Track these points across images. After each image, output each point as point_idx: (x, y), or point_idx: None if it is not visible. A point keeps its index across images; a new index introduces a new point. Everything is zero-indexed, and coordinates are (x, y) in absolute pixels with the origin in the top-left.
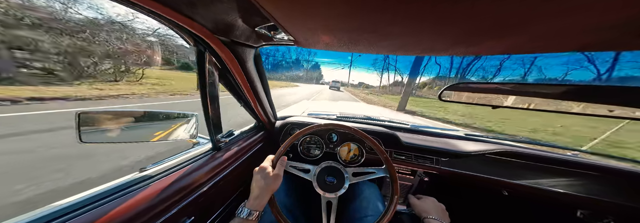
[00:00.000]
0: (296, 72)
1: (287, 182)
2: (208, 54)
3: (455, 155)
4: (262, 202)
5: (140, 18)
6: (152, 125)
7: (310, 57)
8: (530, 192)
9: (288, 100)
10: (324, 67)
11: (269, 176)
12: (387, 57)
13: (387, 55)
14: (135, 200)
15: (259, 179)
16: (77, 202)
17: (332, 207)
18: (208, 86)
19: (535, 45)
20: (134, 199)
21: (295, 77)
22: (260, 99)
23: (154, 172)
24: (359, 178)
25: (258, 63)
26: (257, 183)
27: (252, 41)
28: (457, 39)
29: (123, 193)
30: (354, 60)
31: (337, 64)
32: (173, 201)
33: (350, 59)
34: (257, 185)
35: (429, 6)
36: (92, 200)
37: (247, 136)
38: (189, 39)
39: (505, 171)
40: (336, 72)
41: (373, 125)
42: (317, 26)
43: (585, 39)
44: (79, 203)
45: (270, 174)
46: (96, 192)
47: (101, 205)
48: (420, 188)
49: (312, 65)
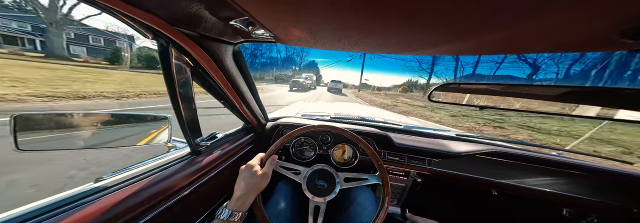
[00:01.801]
0: (285, 71)
1: (281, 184)
2: (173, 49)
3: (446, 156)
4: (246, 202)
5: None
6: (118, 129)
7: (306, 56)
8: (518, 192)
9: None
10: (322, 66)
11: (256, 174)
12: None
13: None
14: (79, 216)
15: (245, 177)
16: (18, 215)
17: (320, 212)
18: (178, 86)
19: (518, 45)
20: (77, 215)
21: (284, 76)
22: (246, 99)
23: (111, 182)
24: (350, 184)
25: (239, 61)
26: (243, 182)
27: (228, 37)
28: (441, 38)
29: (66, 209)
30: (358, 59)
31: (336, 63)
32: (140, 211)
33: (359, 58)
34: (243, 184)
35: (411, 3)
36: (27, 217)
37: (233, 138)
38: (145, 31)
39: (494, 171)
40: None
41: (367, 126)
42: (294, 21)
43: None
44: (20, 216)
45: (258, 173)
46: (34, 207)
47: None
48: (413, 189)
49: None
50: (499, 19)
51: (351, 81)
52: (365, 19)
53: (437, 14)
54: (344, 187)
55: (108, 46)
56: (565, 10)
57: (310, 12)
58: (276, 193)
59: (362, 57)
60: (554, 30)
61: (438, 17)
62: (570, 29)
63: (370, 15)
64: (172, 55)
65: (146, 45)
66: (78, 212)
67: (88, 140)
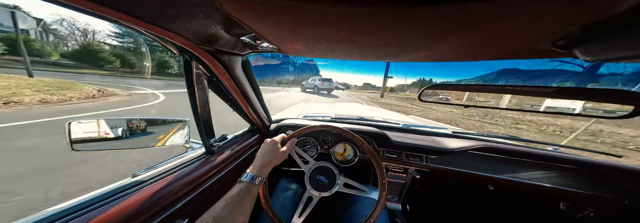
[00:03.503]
0: (286, 76)
1: (281, 180)
2: (194, 62)
3: (441, 152)
4: (264, 169)
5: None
6: (145, 132)
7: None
8: (515, 186)
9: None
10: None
11: (278, 150)
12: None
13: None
14: (126, 204)
15: (268, 150)
16: (67, 208)
17: (311, 204)
18: (197, 93)
19: (475, 52)
20: (124, 203)
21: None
22: (252, 103)
23: (146, 177)
24: (347, 190)
25: (247, 69)
26: (264, 153)
27: (238, 49)
28: (409, 48)
29: (114, 199)
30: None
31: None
32: (165, 204)
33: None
34: (265, 155)
35: (384, 18)
36: (82, 205)
37: (241, 139)
38: (173, 49)
39: (489, 166)
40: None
41: (366, 126)
42: (293, 37)
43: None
44: (70, 209)
45: (280, 149)
46: (87, 198)
47: (92, 211)
48: (412, 186)
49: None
50: (446, 34)
51: (353, 82)
52: (347, 33)
53: (400, 29)
54: (341, 190)
55: None
56: (500, 25)
57: (303, 30)
58: (274, 181)
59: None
60: (499, 43)
61: (401, 32)
62: (512, 41)
63: (349, 30)
64: (193, 68)
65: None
66: (124, 201)
67: (125, 142)
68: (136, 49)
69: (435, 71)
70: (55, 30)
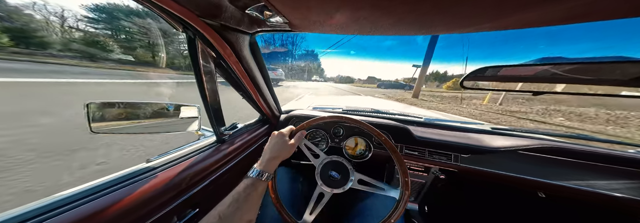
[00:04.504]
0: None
1: (291, 174)
2: (199, 41)
3: (479, 151)
4: (271, 164)
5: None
6: (159, 117)
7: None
8: (577, 195)
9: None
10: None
11: (286, 143)
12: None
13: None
14: (142, 189)
15: (275, 143)
16: (85, 190)
17: (322, 201)
18: (204, 78)
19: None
20: (141, 188)
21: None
22: (262, 90)
23: (160, 163)
24: (362, 187)
25: (255, 51)
26: (271, 147)
27: (245, 26)
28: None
29: (131, 182)
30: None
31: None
32: (178, 191)
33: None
34: (272, 148)
35: None
36: (100, 188)
37: (251, 129)
38: (176, 24)
39: (543, 170)
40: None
41: (381, 119)
42: (310, 4)
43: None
44: (88, 190)
45: (288, 142)
46: (104, 181)
47: (109, 194)
48: (433, 186)
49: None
50: None
51: (356, 75)
52: None
53: None
54: (354, 187)
55: None
56: None
57: None
58: (284, 176)
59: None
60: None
61: None
62: None
63: None
64: (199, 48)
65: None
66: (139, 186)
67: (141, 126)
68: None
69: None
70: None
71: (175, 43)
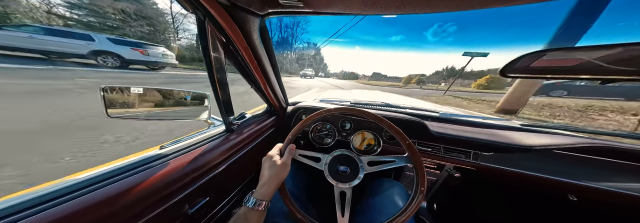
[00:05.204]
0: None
1: (297, 171)
2: (209, 24)
3: (507, 150)
4: (268, 190)
5: None
6: (171, 104)
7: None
8: (618, 199)
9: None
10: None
11: (276, 164)
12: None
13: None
14: (156, 175)
15: (267, 168)
16: (100, 174)
17: (346, 198)
18: (214, 63)
19: None
20: (156, 175)
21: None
22: (270, 80)
23: (172, 150)
24: (375, 167)
25: (265, 38)
26: (265, 172)
27: (256, 7)
28: None
29: (145, 168)
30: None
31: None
32: (190, 179)
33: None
34: (265, 174)
35: None
36: (114, 173)
37: (259, 120)
38: (186, 4)
39: (578, 171)
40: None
41: (393, 113)
42: None
43: None
44: (101, 175)
45: (278, 163)
46: (117, 166)
47: (123, 179)
48: (446, 184)
49: None
50: None
51: (361, 71)
52: None
53: None
54: (369, 171)
55: None
56: None
57: None
58: (295, 181)
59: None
60: None
61: None
62: None
63: None
64: (209, 32)
65: None
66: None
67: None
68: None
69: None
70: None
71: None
